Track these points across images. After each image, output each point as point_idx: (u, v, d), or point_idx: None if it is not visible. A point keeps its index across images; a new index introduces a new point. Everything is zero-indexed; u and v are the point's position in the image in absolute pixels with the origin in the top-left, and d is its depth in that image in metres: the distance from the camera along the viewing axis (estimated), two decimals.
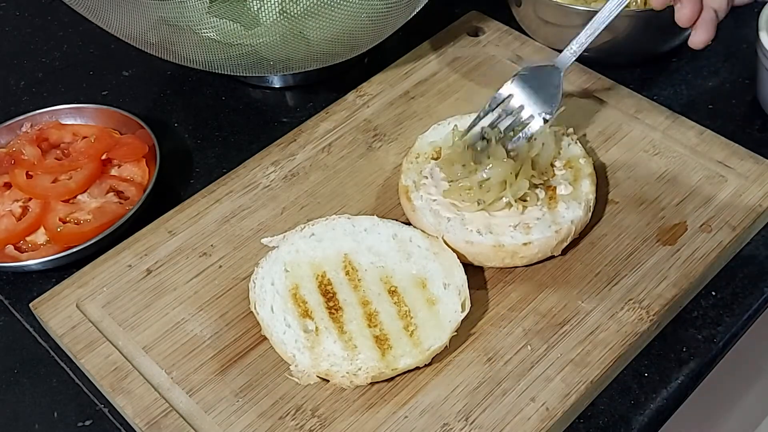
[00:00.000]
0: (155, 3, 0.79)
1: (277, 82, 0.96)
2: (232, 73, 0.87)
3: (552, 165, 0.77)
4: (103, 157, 0.85)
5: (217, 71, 0.85)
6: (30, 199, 0.83)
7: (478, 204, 0.73)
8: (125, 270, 0.76)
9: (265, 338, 0.69)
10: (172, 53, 0.85)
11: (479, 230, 0.72)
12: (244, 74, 0.91)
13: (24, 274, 0.81)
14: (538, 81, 0.78)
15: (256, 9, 0.80)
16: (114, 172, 0.86)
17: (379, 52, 0.93)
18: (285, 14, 0.79)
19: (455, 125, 0.79)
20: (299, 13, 0.79)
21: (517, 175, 0.73)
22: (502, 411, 0.65)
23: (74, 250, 0.77)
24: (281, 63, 0.85)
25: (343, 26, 0.80)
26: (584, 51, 0.91)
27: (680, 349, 0.70)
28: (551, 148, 0.76)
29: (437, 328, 0.67)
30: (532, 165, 0.74)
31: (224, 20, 0.80)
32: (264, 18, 0.80)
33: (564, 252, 0.74)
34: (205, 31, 0.81)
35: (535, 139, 0.75)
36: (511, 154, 0.74)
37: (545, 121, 0.76)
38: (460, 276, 0.70)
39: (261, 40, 0.81)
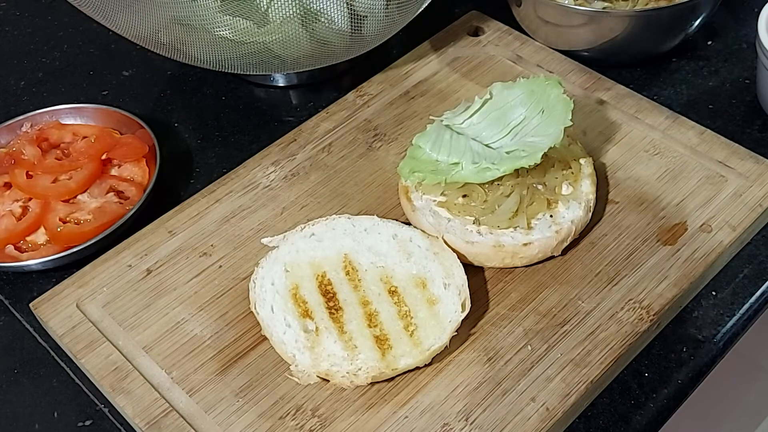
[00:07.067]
0: (169, 3, 0.79)
1: (279, 81, 0.96)
2: (242, 72, 0.88)
3: (553, 165, 0.77)
4: (103, 157, 0.85)
5: (227, 71, 0.85)
6: (30, 199, 0.83)
7: (474, 223, 0.73)
8: (125, 270, 0.76)
9: (265, 338, 0.69)
10: (182, 53, 0.85)
11: (479, 230, 0.72)
12: (254, 73, 0.91)
13: (24, 274, 0.81)
14: None
15: (264, 6, 0.80)
16: (114, 172, 0.86)
17: (379, 52, 0.93)
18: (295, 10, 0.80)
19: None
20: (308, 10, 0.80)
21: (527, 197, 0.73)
22: (502, 411, 0.65)
23: (74, 250, 0.77)
24: (292, 60, 0.85)
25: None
26: (584, 51, 0.91)
27: (680, 349, 0.70)
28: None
29: (437, 328, 0.67)
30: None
31: (236, 18, 0.80)
32: (273, 15, 0.80)
33: (564, 252, 0.74)
34: (218, 29, 0.81)
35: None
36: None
37: None
38: (460, 276, 0.70)
39: (273, 37, 0.82)
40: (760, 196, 0.77)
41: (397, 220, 0.76)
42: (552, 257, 0.74)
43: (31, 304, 0.75)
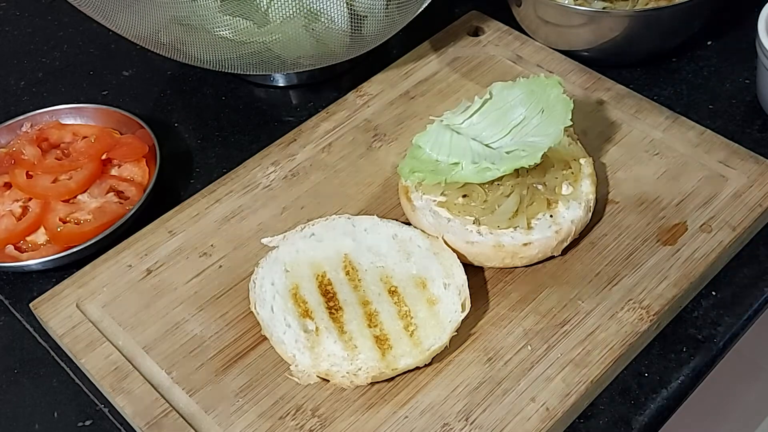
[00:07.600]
0: (169, 3, 0.79)
1: (279, 81, 0.96)
2: (242, 72, 0.88)
3: (553, 165, 0.77)
4: (103, 157, 0.85)
5: (227, 71, 0.85)
6: (30, 199, 0.83)
7: (474, 223, 0.73)
8: (125, 270, 0.76)
9: (265, 338, 0.69)
10: (182, 53, 0.85)
11: (479, 230, 0.72)
12: (254, 73, 0.91)
13: (24, 274, 0.81)
14: None
15: (264, 6, 0.80)
16: (114, 172, 0.86)
17: (379, 52, 0.93)
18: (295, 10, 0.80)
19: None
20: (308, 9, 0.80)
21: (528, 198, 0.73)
22: (502, 411, 0.65)
23: (74, 250, 0.77)
24: (292, 60, 0.85)
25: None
26: (584, 51, 0.91)
27: (680, 349, 0.70)
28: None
29: (437, 328, 0.67)
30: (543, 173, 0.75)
31: (236, 18, 0.81)
32: (273, 15, 0.80)
33: (564, 252, 0.74)
34: (218, 29, 0.81)
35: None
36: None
37: None
38: (460, 276, 0.70)
39: (273, 37, 0.82)
40: (760, 196, 0.77)
41: (397, 220, 0.76)
42: (552, 257, 0.74)
43: (31, 304, 0.75)
